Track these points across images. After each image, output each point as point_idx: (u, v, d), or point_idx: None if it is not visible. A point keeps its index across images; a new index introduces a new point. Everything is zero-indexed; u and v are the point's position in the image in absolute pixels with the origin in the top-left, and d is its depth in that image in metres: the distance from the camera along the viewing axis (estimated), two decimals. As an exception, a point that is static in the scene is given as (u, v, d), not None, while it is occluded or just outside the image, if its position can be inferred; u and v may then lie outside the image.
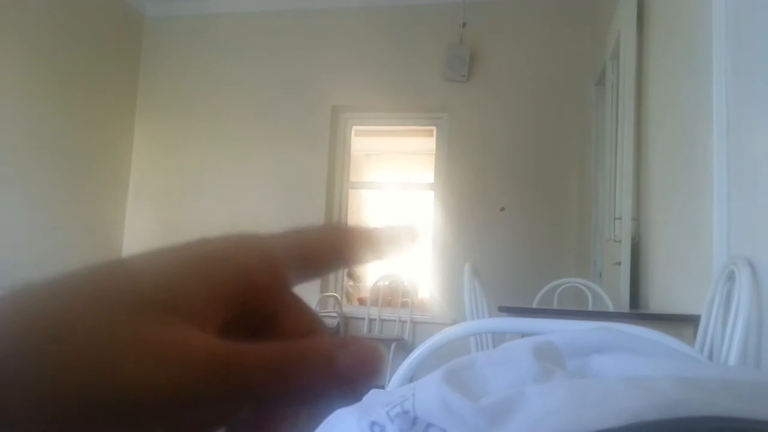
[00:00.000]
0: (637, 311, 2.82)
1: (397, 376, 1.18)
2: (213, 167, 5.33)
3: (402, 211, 6.88)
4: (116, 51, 5.35)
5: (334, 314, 4.85)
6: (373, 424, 0.50)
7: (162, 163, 5.48)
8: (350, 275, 6.27)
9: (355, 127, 5.45)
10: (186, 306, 0.21)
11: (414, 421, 0.47)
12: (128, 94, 5.51)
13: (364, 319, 4.97)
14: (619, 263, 3.10)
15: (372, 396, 0.65)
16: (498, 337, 2.33)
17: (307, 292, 4.76)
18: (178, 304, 0.21)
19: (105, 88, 5.21)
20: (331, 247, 0.27)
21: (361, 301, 5.77)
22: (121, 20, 5.40)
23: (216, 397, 0.20)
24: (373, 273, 6.32)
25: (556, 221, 4.75)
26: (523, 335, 1.74)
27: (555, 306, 3.60)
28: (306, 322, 0.26)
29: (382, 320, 4.94)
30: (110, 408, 0.18)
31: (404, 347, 4.59)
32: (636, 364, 0.52)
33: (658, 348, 0.59)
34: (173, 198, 5.40)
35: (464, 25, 4.92)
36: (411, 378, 1.23)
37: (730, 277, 1.63)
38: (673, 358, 0.58)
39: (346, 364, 0.21)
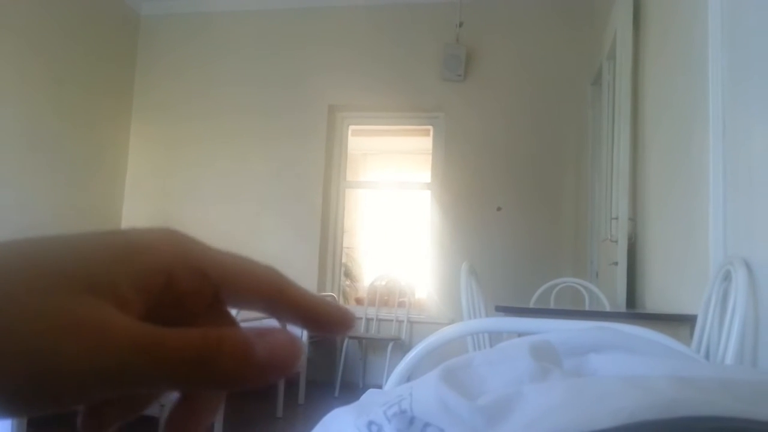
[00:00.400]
0: (634, 311, 2.82)
1: (394, 376, 1.18)
2: (209, 166, 5.33)
3: (398, 210, 6.88)
4: (112, 50, 5.34)
5: (331, 314, 4.85)
6: (370, 423, 0.49)
7: (158, 163, 5.47)
8: (347, 275, 6.27)
9: (351, 127, 5.45)
10: (109, 289, 0.21)
11: (411, 420, 0.47)
12: (124, 93, 5.50)
13: (361, 319, 4.96)
14: (616, 263, 3.11)
15: (369, 395, 0.65)
16: (495, 337, 2.34)
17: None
18: (102, 285, 0.21)
19: (101, 87, 5.19)
20: (258, 287, 0.26)
21: (359, 301, 5.77)
22: (117, 19, 5.38)
23: (135, 377, 0.20)
24: (370, 273, 6.32)
25: (552, 221, 4.75)
26: (520, 335, 1.74)
27: (552, 306, 3.60)
28: (224, 322, 0.27)
29: (380, 320, 4.95)
30: (32, 386, 0.19)
31: (401, 347, 4.60)
32: (633, 363, 0.52)
33: (654, 347, 0.59)
34: (170, 197, 5.39)
35: (461, 24, 4.92)
36: (408, 377, 1.22)
37: (727, 277, 1.63)
38: (670, 357, 0.58)
39: (263, 354, 0.22)
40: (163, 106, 5.52)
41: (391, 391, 0.54)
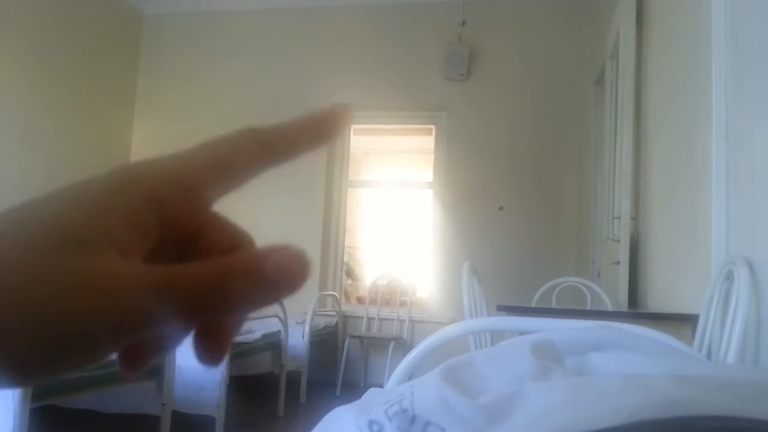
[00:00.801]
0: (636, 310, 2.82)
1: (395, 375, 1.18)
2: (212, 166, 5.32)
3: (400, 209, 6.88)
4: (115, 49, 5.35)
5: (333, 313, 4.85)
6: (371, 422, 0.49)
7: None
8: (349, 274, 6.27)
9: (353, 126, 5.44)
10: (108, 238, 0.21)
11: (413, 419, 0.47)
12: (127, 92, 5.51)
13: (362, 318, 4.97)
14: (618, 262, 3.10)
15: (371, 394, 0.65)
16: (497, 336, 2.33)
17: (306, 291, 4.76)
18: (101, 236, 0.21)
19: (103, 87, 5.20)
20: (246, 154, 0.27)
21: (360, 300, 5.77)
22: (119, 19, 5.39)
23: (153, 321, 0.21)
24: (372, 272, 6.32)
25: (554, 220, 4.75)
26: (521, 334, 1.74)
27: (554, 305, 3.60)
28: (230, 237, 0.27)
29: (381, 319, 4.94)
30: (55, 339, 0.19)
31: (403, 346, 4.60)
32: (634, 361, 0.52)
33: (656, 346, 0.59)
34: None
35: (463, 23, 4.92)
36: (410, 377, 1.22)
37: (729, 277, 1.63)
38: (671, 355, 0.58)
39: (273, 271, 0.22)
40: (166, 105, 5.52)
41: (393, 390, 0.54)
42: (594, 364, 0.52)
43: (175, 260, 0.24)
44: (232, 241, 0.27)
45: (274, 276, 0.22)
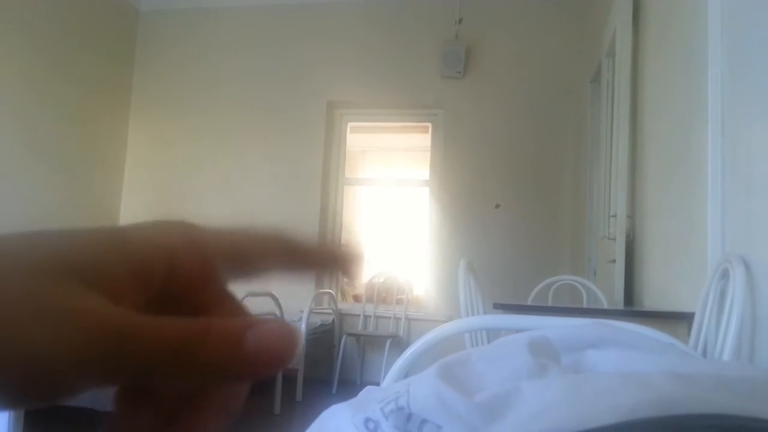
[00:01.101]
0: (632, 308, 2.83)
1: (392, 373, 1.18)
2: (208, 163, 5.32)
3: (397, 207, 6.87)
4: (110, 45, 5.33)
5: (329, 311, 4.85)
6: (367, 420, 0.49)
7: (157, 159, 5.46)
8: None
9: (350, 123, 5.44)
10: (102, 274, 0.20)
11: (409, 417, 0.46)
12: (123, 88, 5.49)
13: (359, 316, 4.97)
14: (614, 261, 3.11)
15: (367, 392, 0.65)
16: (493, 334, 2.34)
17: (302, 289, 4.76)
18: (94, 270, 0.20)
19: (99, 83, 5.18)
20: (267, 253, 0.26)
21: (356, 298, 5.77)
22: (115, 14, 5.37)
23: (113, 367, 0.19)
24: (368, 270, 6.32)
25: (551, 218, 4.75)
26: (517, 332, 1.74)
27: (550, 303, 3.60)
28: (232, 313, 0.26)
29: (377, 317, 4.95)
30: (12, 373, 0.18)
31: (399, 344, 4.60)
32: (631, 359, 0.52)
33: (652, 343, 0.59)
34: (168, 194, 5.39)
35: (460, 21, 4.91)
36: (406, 374, 1.22)
37: (725, 275, 1.63)
38: (668, 353, 0.58)
39: (256, 346, 0.20)
40: (162, 102, 5.51)
41: (389, 387, 0.54)
42: (590, 361, 0.52)
43: (178, 313, 0.23)
44: (242, 307, 0.27)
45: (256, 349, 0.20)
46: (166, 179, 5.41)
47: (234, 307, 0.26)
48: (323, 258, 0.28)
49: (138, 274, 0.22)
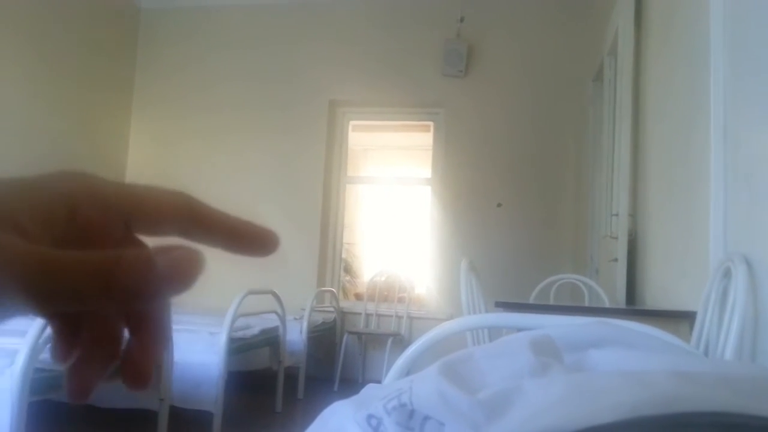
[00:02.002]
0: (634, 307, 2.83)
1: (393, 371, 1.18)
2: (210, 161, 5.32)
3: (399, 206, 6.88)
4: (112, 43, 5.33)
5: (331, 309, 4.86)
6: (369, 417, 0.49)
7: (158, 156, 5.47)
8: (347, 270, 6.27)
9: (352, 122, 5.44)
10: (9, 221, 0.23)
11: (411, 414, 0.47)
12: (125, 86, 5.49)
13: (360, 314, 4.97)
14: (616, 259, 3.11)
15: (369, 390, 0.65)
16: (494, 333, 2.34)
17: (304, 287, 4.77)
18: (2, 219, 0.23)
19: (101, 81, 5.19)
20: (166, 211, 0.28)
21: (358, 297, 5.78)
22: (117, 12, 5.37)
23: (36, 294, 0.21)
24: (370, 268, 6.32)
25: (552, 217, 4.75)
26: (519, 330, 1.75)
27: (551, 302, 3.60)
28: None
29: (379, 315, 4.95)
30: None
31: (401, 342, 4.60)
32: (633, 358, 0.52)
33: (654, 342, 0.59)
34: (170, 192, 5.39)
35: (462, 20, 4.91)
36: (407, 372, 1.22)
37: (727, 274, 1.63)
38: (670, 352, 0.58)
39: (164, 268, 0.23)
40: (164, 99, 5.52)
41: (391, 384, 0.54)
42: (593, 360, 0.52)
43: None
44: (145, 246, 0.28)
45: (166, 272, 0.23)
46: (168, 178, 5.41)
47: (137, 247, 0.28)
48: (231, 231, 0.30)
49: (40, 216, 0.24)
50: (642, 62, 3.12)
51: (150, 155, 5.49)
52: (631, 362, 0.50)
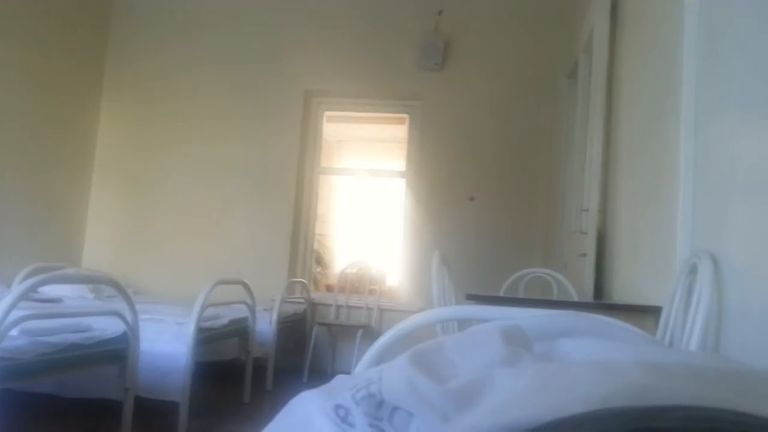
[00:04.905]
0: (601, 301, 2.86)
1: (363, 362, 1.17)
2: (181, 147, 5.24)
3: (372, 198, 6.86)
4: (83, 24, 5.20)
5: (302, 300, 4.83)
6: (337, 407, 0.48)
7: (129, 141, 5.36)
8: (318, 262, 6.24)
9: (327, 113, 5.40)
10: None
11: (380, 404, 0.46)
12: (95, 68, 5.37)
13: (331, 305, 4.96)
14: (585, 254, 3.14)
15: (338, 380, 0.64)
16: (464, 325, 2.34)
17: (274, 278, 4.73)
18: None
19: (70, 61, 5.06)
20: None
21: (329, 288, 5.75)
22: (88, -6, 5.24)
23: None
24: (342, 260, 6.30)
25: (524, 212, 4.79)
26: (489, 322, 1.75)
27: (521, 295, 3.63)
28: None
29: (350, 307, 4.94)
30: None
31: (371, 334, 4.60)
32: (602, 348, 0.52)
33: (623, 333, 0.59)
34: (140, 176, 5.30)
35: (440, 12, 4.91)
36: (377, 363, 1.22)
37: (693, 270, 1.66)
38: (639, 342, 0.58)
39: None
40: (135, 82, 5.41)
41: (361, 374, 0.53)
42: (563, 350, 0.52)
43: None
44: None
45: None
46: (139, 161, 5.32)
47: None
48: None
49: None
50: (616, 60, 3.15)
51: (120, 138, 5.38)
52: (600, 352, 0.49)
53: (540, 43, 4.89)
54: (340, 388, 0.50)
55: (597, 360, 0.47)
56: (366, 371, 0.55)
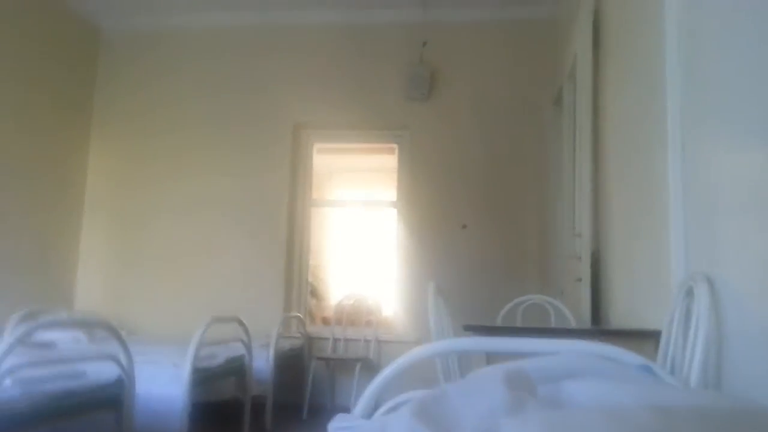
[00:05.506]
0: (599, 327, 2.85)
1: (363, 399, 1.16)
2: (172, 184, 5.24)
3: (365, 229, 6.86)
4: (72, 64, 5.24)
5: (298, 335, 4.79)
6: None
7: (119, 178, 5.36)
8: (314, 294, 6.20)
9: (317, 145, 5.43)
10: None
11: (384, 458, 0.45)
12: (84, 107, 5.39)
13: (328, 339, 4.91)
14: (580, 279, 3.14)
15: (338, 421, 0.63)
16: (464, 357, 2.33)
17: (270, 312, 4.70)
18: None
19: (59, 101, 5.08)
20: None
21: (325, 321, 5.71)
22: (76, 34, 5.28)
23: None
24: (337, 292, 6.27)
25: (518, 238, 4.79)
26: (489, 354, 1.74)
27: (519, 323, 3.62)
28: None
29: (347, 340, 4.90)
30: None
31: (369, 367, 4.56)
32: (607, 390, 0.51)
33: (628, 371, 0.58)
34: (131, 213, 5.28)
35: (424, 44, 4.97)
36: (376, 401, 1.20)
37: (689, 293, 1.66)
38: (644, 382, 0.57)
39: None
40: (124, 121, 5.43)
41: (362, 427, 0.52)
42: (567, 392, 0.51)
43: None
44: None
45: None
46: (129, 198, 5.31)
47: None
48: None
49: None
50: (600, 86, 3.19)
51: (110, 176, 5.37)
52: (606, 395, 0.49)
53: (524, 71, 4.95)
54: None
55: (603, 403, 0.46)
56: (368, 423, 0.54)
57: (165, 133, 5.32)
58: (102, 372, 2.42)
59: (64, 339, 3.78)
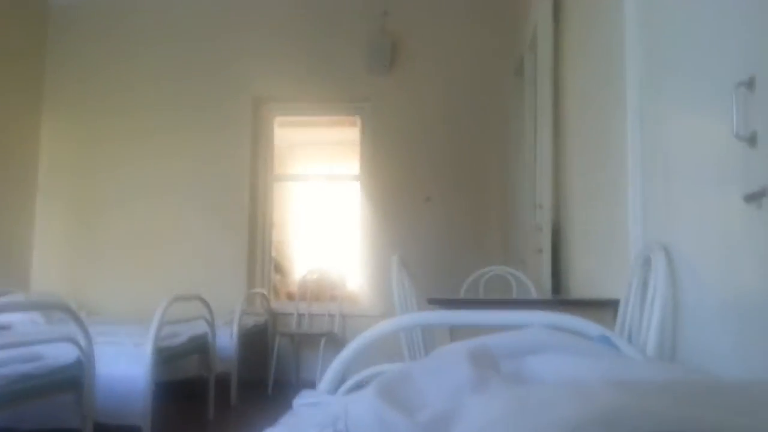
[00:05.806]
0: (559, 297, 2.91)
1: (329, 375, 1.15)
2: (131, 163, 5.11)
3: (328, 203, 6.82)
4: (19, 42, 5.01)
5: (262, 311, 4.76)
6: (304, 444, 0.47)
7: (73, 161, 5.19)
8: (278, 270, 6.17)
9: (278, 118, 5.34)
10: None
11: (348, 440, 0.44)
12: (33, 88, 5.18)
13: (292, 314, 4.91)
14: (541, 250, 3.19)
15: (302, 407, 0.62)
16: (427, 330, 2.34)
17: (233, 289, 4.66)
18: None
19: (6, 83, 4.86)
20: None
21: (290, 296, 5.70)
22: (25, 11, 5.05)
23: None
24: (301, 267, 6.24)
25: (480, 210, 4.83)
26: (452, 327, 1.76)
27: (481, 294, 3.67)
28: None
29: (312, 315, 4.90)
30: None
31: (334, 341, 4.57)
32: (570, 364, 0.51)
33: (589, 346, 0.59)
34: (88, 195, 5.14)
35: (385, 14, 4.91)
36: (342, 376, 1.20)
37: (647, 262, 1.69)
38: (605, 356, 0.58)
39: None
40: (77, 100, 5.24)
41: (325, 404, 0.51)
42: (530, 368, 0.51)
43: None
44: None
45: None
46: (85, 181, 5.16)
47: None
48: None
49: None
50: (561, 56, 3.20)
51: (64, 159, 5.21)
52: (568, 369, 0.49)
53: (485, 42, 4.94)
54: (305, 423, 0.49)
55: (566, 379, 0.47)
56: (331, 400, 0.54)
57: (120, 115, 5.16)
58: (60, 354, 2.36)
59: (21, 321, 3.69)
